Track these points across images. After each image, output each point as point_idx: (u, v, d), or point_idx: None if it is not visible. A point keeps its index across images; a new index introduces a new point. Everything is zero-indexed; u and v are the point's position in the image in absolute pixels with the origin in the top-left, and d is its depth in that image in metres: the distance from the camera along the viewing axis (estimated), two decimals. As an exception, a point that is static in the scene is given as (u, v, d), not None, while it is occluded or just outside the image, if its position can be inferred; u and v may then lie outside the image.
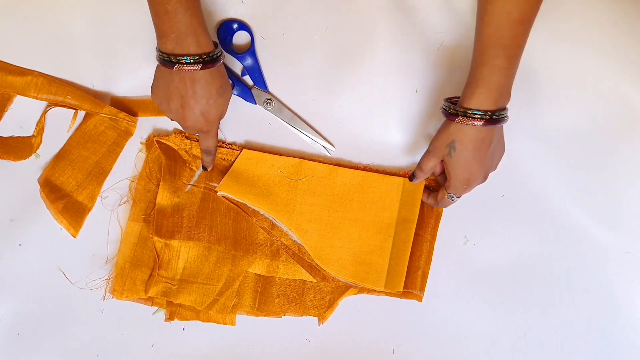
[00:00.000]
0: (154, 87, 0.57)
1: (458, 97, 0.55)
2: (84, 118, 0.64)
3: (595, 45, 0.64)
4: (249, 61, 0.64)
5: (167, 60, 0.52)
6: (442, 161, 0.56)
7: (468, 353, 0.64)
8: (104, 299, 0.63)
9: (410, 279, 0.63)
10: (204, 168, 0.63)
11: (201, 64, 0.52)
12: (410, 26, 0.64)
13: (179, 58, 0.52)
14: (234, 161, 0.63)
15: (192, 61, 0.52)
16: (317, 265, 0.63)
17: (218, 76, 0.55)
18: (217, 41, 0.55)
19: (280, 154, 0.64)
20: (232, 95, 0.64)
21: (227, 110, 0.64)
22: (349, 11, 0.64)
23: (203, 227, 0.62)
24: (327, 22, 0.64)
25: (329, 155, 0.65)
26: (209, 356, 0.63)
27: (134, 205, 0.63)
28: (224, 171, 0.63)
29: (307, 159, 0.63)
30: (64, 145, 0.63)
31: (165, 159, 0.62)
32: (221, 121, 0.64)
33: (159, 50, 0.53)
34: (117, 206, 0.63)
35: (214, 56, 0.53)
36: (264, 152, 0.64)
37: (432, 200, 0.61)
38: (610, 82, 0.64)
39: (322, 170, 0.62)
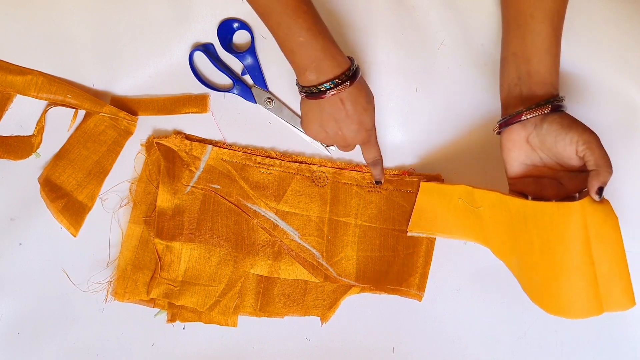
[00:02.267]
0: (305, 123, 0.57)
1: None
2: (84, 117, 0.64)
3: (595, 46, 0.64)
4: (249, 60, 0.64)
5: (315, 92, 0.52)
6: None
7: (468, 353, 0.64)
8: (106, 302, 0.63)
9: (410, 279, 0.62)
10: (377, 182, 0.62)
11: (348, 82, 0.52)
12: (410, 25, 0.64)
13: (325, 86, 0.52)
14: (415, 198, 0.62)
15: (339, 82, 0.52)
16: None
17: (361, 86, 0.55)
18: (351, 57, 0.55)
19: (281, 154, 0.64)
20: (234, 94, 0.64)
21: (227, 109, 0.65)
22: (348, 10, 0.64)
23: (204, 228, 0.62)
24: (326, 22, 0.64)
25: (329, 154, 0.65)
26: (209, 356, 0.63)
27: (134, 208, 0.63)
28: (224, 172, 0.63)
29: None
30: (64, 145, 0.63)
31: (164, 161, 0.62)
32: (221, 121, 0.64)
33: (301, 85, 0.54)
34: (118, 208, 0.63)
35: (354, 69, 0.53)
36: (263, 150, 0.64)
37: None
38: (610, 82, 0.64)
39: (492, 198, 0.56)
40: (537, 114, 0.51)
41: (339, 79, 0.52)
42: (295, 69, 0.53)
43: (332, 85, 0.52)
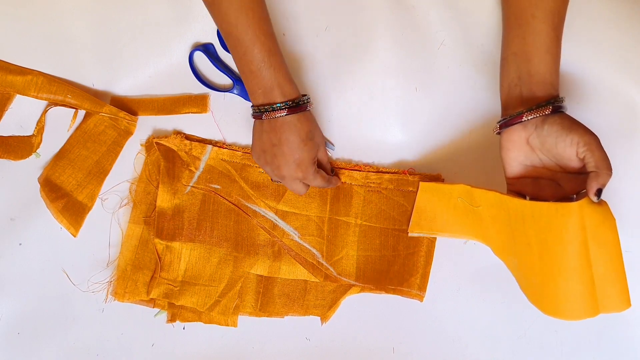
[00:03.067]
0: (253, 147, 0.59)
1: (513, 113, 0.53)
2: (84, 117, 0.64)
3: (595, 46, 0.64)
4: (249, 61, 0.64)
5: (257, 112, 0.56)
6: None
7: (468, 353, 0.64)
8: (106, 302, 0.63)
9: (411, 279, 0.62)
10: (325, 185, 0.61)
11: (287, 109, 0.54)
12: (410, 25, 0.64)
13: (267, 107, 0.55)
14: (415, 198, 0.62)
15: (277, 108, 0.54)
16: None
17: (306, 121, 0.56)
18: (305, 93, 0.58)
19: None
20: (234, 94, 0.64)
21: (227, 109, 0.65)
22: (348, 11, 0.64)
23: (204, 229, 0.62)
24: (327, 22, 0.64)
25: (329, 154, 0.65)
26: (209, 355, 0.63)
27: (134, 208, 0.63)
28: (224, 172, 0.63)
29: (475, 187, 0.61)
30: (64, 145, 0.63)
31: (163, 161, 0.62)
32: (221, 121, 0.64)
33: (252, 106, 0.56)
34: (118, 208, 0.63)
35: (300, 102, 0.55)
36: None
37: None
38: (610, 83, 0.64)
39: (491, 198, 0.56)
40: (537, 115, 0.51)
41: (278, 105, 0.54)
42: (247, 89, 0.56)
43: (271, 109, 0.54)
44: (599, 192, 0.48)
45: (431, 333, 0.64)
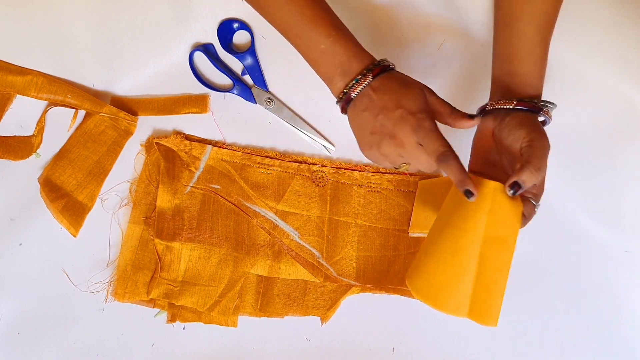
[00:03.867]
0: (359, 143, 0.53)
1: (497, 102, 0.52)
2: (84, 117, 0.64)
3: (596, 46, 0.64)
4: (249, 60, 0.64)
5: (343, 98, 0.50)
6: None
7: (468, 353, 0.64)
8: (106, 302, 0.63)
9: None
10: (468, 193, 0.47)
11: (370, 73, 0.49)
12: (410, 25, 0.64)
13: (351, 84, 0.50)
14: (414, 198, 0.62)
15: (361, 77, 0.49)
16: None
17: (394, 77, 0.50)
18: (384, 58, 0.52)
19: (280, 154, 0.64)
20: (234, 95, 0.64)
21: (227, 109, 0.65)
22: (349, 11, 0.64)
23: (204, 229, 0.62)
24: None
25: (329, 154, 0.65)
26: (209, 356, 0.63)
27: (134, 208, 0.63)
28: (224, 172, 0.63)
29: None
30: (64, 145, 0.63)
31: (163, 161, 0.62)
32: (221, 121, 0.64)
33: (336, 98, 0.52)
34: (118, 209, 0.63)
35: (381, 63, 0.50)
36: (263, 150, 0.64)
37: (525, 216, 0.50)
38: (611, 83, 0.64)
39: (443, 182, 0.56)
40: (501, 107, 0.51)
41: (362, 73, 0.50)
42: (324, 80, 0.52)
43: (355, 82, 0.50)
44: (514, 185, 0.46)
45: (431, 333, 0.64)
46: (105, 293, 0.63)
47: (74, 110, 0.63)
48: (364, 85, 0.50)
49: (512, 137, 0.49)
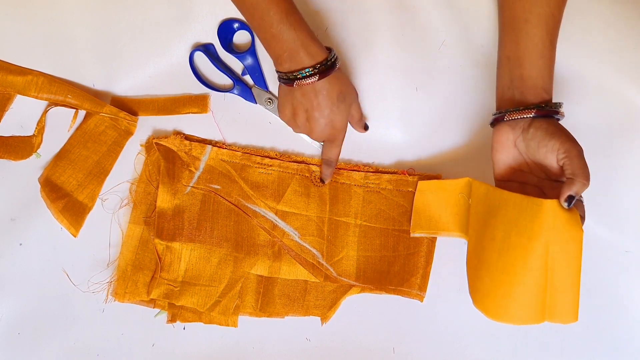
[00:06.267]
0: (280, 106, 0.59)
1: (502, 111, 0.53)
2: (84, 117, 0.64)
3: (596, 47, 0.64)
4: (249, 60, 0.64)
5: (286, 79, 0.55)
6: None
7: (468, 353, 0.64)
8: (106, 302, 0.63)
9: (412, 279, 0.62)
10: (322, 180, 0.63)
11: (318, 75, 0.54)
12: (411, 25, 0.64)
13: (296, 74, 0.54)
14: (413, 198, 0.62)
15: (307, 74, 0.53)
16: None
17: (336, 82, 0.56)
18: (330, 47, 0.57)
19: (280, 154, 0.64)
20: (235, 95, 0.64)
21: (227, 110, 0.65)
22: (348, 11, 0.64)
23: (204, 229, 0.62)
24: (327, 22, 0.64)
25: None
26: (209, 356, 0.63)
27: (134, 208, 0.63)
28: (224, 173, 0.63)
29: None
30: (64, 145, 0.63)
31: (163, 161, 0.62)
32: (221, 121, 0.64)
33: (277, 71, 0.56)
34: (118, 209, 0.63)
35: (328, 63, 0.54)
36: (263, 151, 0.64)
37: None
38: (611, 83, 0.64)
39: (482, 190, 0.55)
40: (520, 117, 0.52)
41: (308, 71, 0.53)
42: (270, 56, 0.55)
43: (300, 76, 0.53)
44: (569, 199, 0.48)
45: (431, 333, 0.64)
46: (106, 293, 0.63)
47: (74, 110, 0.63)
48: (308, 82, 0.54)
49: (545, 149, 0.50)
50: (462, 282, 0.64)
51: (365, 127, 0.63)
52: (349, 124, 0.62)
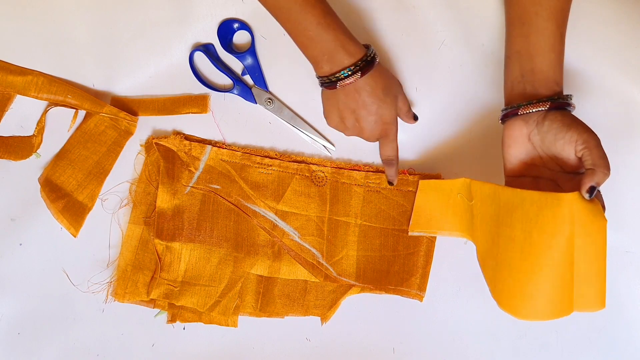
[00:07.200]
0: (326, 113, 0.58)
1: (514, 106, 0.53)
2: (84, 117, 0.64)
3: (596, 45, 0.64)
4: (249, 60, 0.64)
5: (328, 82, 0.54)
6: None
7: (468, 353, 0.64)
8: (106, 302, 0.63)
9: (411, 279, 0.62)
10: (390, 183, 0.61)
11: (359, 72, 0.53)
12: (411, 25, 0.64)
13: (337, 75, 0.53)
14: (414, 196, 0.62)
15: (349, 73, 0.52)
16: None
17: (379, 76, 0.55)
18: (368, 44, 0.56)
19: (280, 154, 0.64)
20: (235, 95, 0.64)
21: (227, 110, 0.65)
22: (349, 11, 0.64)
23: (204, 229, 0.62)
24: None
25: (329, 154, 0.65)
26: (209, 356, 0.63)
27: (134, 208, 0.63)
28: (224, 173, 0.63)
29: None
30: (64, 145, 0.63)
31: (163, 161, 0.62)
32: (221, 121, 0.64)
33: (318, 77, 0.55)
34: (118, 209, 0.63)
35: (368, 59, 0.53)
36: (262, 150, 0.64)
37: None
38: (611, 83, 0.64)
39: (486, 190, 0.54)
40: (535, 110, 0.51)
41: (351, 69, 0.52)
42: (309, 60, 0.54)
43: (342, 76, 0.53)
44: (591, 189, 0.47)
45: (431, 333, 0.64)
46: (106, 293, 0.63)
47: (74, 110, 0.63)
48: (351, 81, 0.53)
49: (562, 141, 0.50)
50: (462, 282, 0.64)
51: (415, 118, 0.61)
52: (402, 119, 0.61)
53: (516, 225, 0.50)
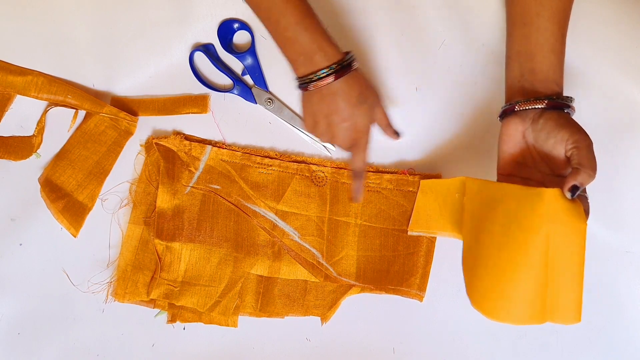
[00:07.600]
0: (304, 117, 0.57)
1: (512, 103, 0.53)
2: (84, 118, 0.64)
3: (596, 46, 0.64)
4: (249, 61, 0.64)
5: (302, 84, 0.53)
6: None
7: (468, 353, 0.64)
8: (106, 302, 0.63)
9: (411, 279, 0.62)
10: (353, 199, 0.59)
11: (334, 74, 0.52)
12: (411, 25, 0.64)
13: (311, 76, 0.52)
14: (415, 197, 0.62)
15: (324, 75, 0.52)
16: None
17: (355, 82, 0.54)
18: (349, 51, 0.55)
19: (280, 154, 0.64)
20: (235, 95, 0.64)
21: (227, 110, 0.65)
22: (349, 11, 0.64)
23: (204, 229, 0.62)
24: (327, 22, 0.64)
25: (329, 154, 0.65)
26: (209, 356, 0.63)
27: (134, 208, 0.63)
28: (224, 173, 0.63)
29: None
30: (64, 145, 0.63)
31: (163, 161, 0.62)
32: (221, 121, 0.64)
33: (296, 78, 0.54)
34: (118, 209, 0.63)
35: (344, 63, 0.53)
36: (262, 150, 0.64)
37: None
38: (611, 83, 0.64)
39: (476, 185, 0.54)
40: (531, 107, 0.51)
41: (325, 71, 0.52)
42: (288, 61, 0.54)
43: (315, 78, 0.52)
44: (573, 189, 0.46)
45: (431, 333, 0.64)
46: (106, 293, 0.63)
47: (74, 110, 0.63)
48: (325, 83, 0.52)
49: (554, 140, 0.50)
50: (462, 282, 0.64)
51: (397, 133, 0.60)
52: (382, 132, 0.60)
53: (497, 220, 0.50)
